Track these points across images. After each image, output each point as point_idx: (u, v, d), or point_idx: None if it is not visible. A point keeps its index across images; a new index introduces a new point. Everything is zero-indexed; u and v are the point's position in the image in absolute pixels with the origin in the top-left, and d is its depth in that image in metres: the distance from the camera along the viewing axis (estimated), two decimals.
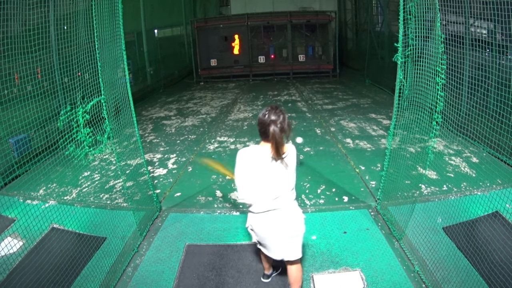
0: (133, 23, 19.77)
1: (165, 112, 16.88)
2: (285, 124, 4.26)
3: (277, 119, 4.21)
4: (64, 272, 5.58)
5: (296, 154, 4.62)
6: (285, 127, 4.25)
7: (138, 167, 7.50)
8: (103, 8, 5.85)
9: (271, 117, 4.23)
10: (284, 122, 4.25)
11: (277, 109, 4.31)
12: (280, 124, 4.21)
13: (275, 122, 4.20)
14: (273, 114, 4.25)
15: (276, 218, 4.51)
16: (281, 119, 4.23)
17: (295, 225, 4.60)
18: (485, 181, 8.00)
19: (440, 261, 5.40)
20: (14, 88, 6.53)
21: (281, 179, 4.46)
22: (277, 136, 4.19)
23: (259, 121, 4.36)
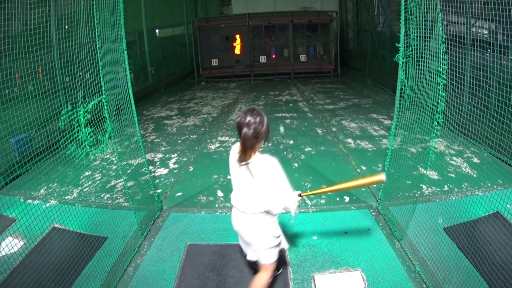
0: (135, 23, 19.77)
1: (166, 112, 16.87)
2: (260, 127, 4.12)
3: (251, 122, 4.07)
4: (65, 272, 5.59)
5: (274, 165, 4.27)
6: (259, 131, 4.11)
7: (139, 167, 7.51)
8: (104, 7, 5.85)
9: (246, 119, 4.09)
10: (259, 125, 4.11)
11: (254, 111, 4.17)
12: (254, 128, 4.07)
13: (248, 125, 4.06)
14: (249, 116, 4.11)
15: (239, 218, 4.52)
16: (257, 122, 4.09)
17: (252, 238, 4.52)
18: (486, 181, 8.00)
19: (441, 262, 5.40)
20: (15, 88, 6.53)
21: (245, 185, 4.35)
22: (246, 140, 4.08)
23: (236, 123, 4.21)
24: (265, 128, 4.16)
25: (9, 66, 6.15)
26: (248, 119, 4.08)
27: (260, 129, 4.10)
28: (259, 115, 4.13)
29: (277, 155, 9.92)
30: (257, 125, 4.07)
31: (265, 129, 4.17)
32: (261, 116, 4.14)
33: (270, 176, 4.23)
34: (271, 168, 4.22)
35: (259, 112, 4.16)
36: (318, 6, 29.18)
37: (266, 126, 4.18)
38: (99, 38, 5.77)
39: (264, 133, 4.16)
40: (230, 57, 25.18)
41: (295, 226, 6.93)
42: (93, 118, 5.63)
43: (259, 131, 4.09)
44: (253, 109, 4.19)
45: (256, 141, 4.14)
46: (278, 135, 12.55)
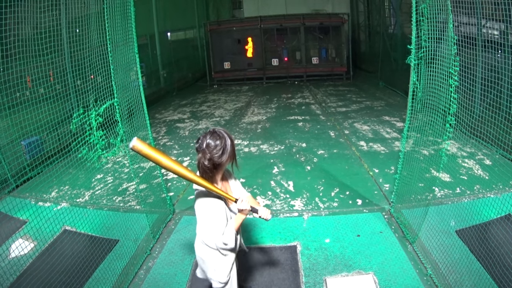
0: (146, 26, 19.86)
1: (179, 115, 16.92)
2: (220, 153, 3.57)
3: (209, 148, 3.53)
4: (76, 274, 5.60)
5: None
6: (218, 159, 3.58)
7: (152, 170, 7.53)
8: (115, 11, 5.87)
9: (203, 144, 3.55)
10: (219, 151, 3.56)
11: (215, 133, 3.59)
12: (210, 156, 3.54)
13: (204, 152, 3.54)
14: (208, 139, 3.56)
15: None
16: (217, 146, 3.55)
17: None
18: (498, 183, 7.95)
19: (452, 265, 5.37)
20: (27, 91, 6.56)
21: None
22: (200, 168, 3.63)
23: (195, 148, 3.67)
24: (226, 156, 3.61)
25: (20, 69, 6.18)
26: (206, 142, 3.55)
27: (220, 156, 3.58)
28: (219, 138, 3.58)
29: (290, 158, 9.97)
30: (216, 151, 3.54)
31: (227, 156, 3.62)
32: (222, 139, 3.59)
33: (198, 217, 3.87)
34: (197, 207, 3.82)
35: (220, 134, 3.61)
36: (330, 9, 29.19)
37: (230, 152, 3.64)
38: (110, 42, 5.79)
39: (225, 161, 3.65)
40: (242, 60, 25.20)
41: (308, 229, 6.92)
42: (105, 121, 5.64)
43: (217, 160, 3.58)
44: (214, 130, 3.62)
45: (215, 171, 3.71)
46: (290, 138, 12.54)
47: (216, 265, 4.03)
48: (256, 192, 8.53)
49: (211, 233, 3.74)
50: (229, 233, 3.69)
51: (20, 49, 5.83)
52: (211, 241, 3.83)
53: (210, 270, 4.07)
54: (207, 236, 3.85)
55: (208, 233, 3.81)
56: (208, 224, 3.74)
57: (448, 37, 5.22)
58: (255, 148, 11.66)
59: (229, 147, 3.61)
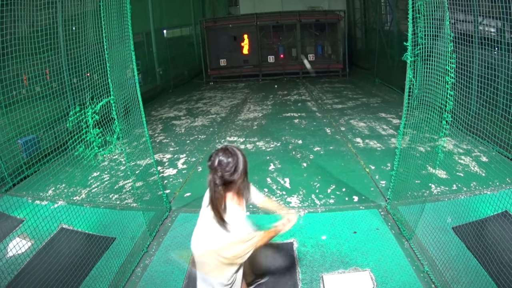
0: (142, 24, 19.80)
1: (175, 112, 16.91)
2: (233, 171, 3.44)
3: (221, 166, 3.40)
4: (73, 273, 5.60)
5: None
6: (229, 177, 3.44)
7: (148, 167, 7.51)
8: (111, 8, 5.86)
9: (215, 162, 3.42)
10: (232, 168, 3.42)
11: (227, 150, 3.46)
12: (221, 173, 3.40)
13: (215, 170, 3.40)
14: (221, 156, 3.43)
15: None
16: (230, 163, 3.42)
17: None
18: (495, 180, 7.97)
19: (449, 261, 5.39)
20: (23, 89, 6.55)
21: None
22: (211, 189, 3.49)
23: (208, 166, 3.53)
24: (239, 173, 3.47)
25: (16, 67, 6.17)
26: (218, 160, 3.42)
27: (231, 174, 3.44)
28: (231, 155, 3.44)
29: (286, 155, 9.98)
30: (229, 169, 3.41)
31: (239, 173, 3.48)
32: (234, 157, 3.46)
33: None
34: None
35: (232, 152, 3.48)
36: (326, 6, 29.11)
37: (241, 170, 3.49)
38: (107, 39, 5.78)
39: (238, 178, 3.49)
40: (238, 57, 25.16)
41: (304, 226, 6.93)
42: (101, 119, 5.64)
43: (228, 178, 3.44)
44: (226, 148, 3.49)
45: (226, 190, 3.56)
46: (286, 134, 12.58)
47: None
48: None
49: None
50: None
51: (17, 48, 5.81)
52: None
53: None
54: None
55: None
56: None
57: (445, 34, 5.22)
58: (251, 145, 11.67)
59: (241, 165, 3.48)
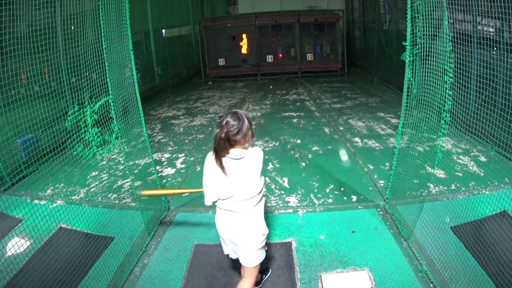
0: (141, 23, 19.78)
1: (173, 112, 16.90)
2: (236, 132, 4.07)
3: (227, 125, 4.05)
4: (72, 272, 5.60)
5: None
6: (232, 137, 4.08)
7: (147, 167, 7.51)
8: (110, 8, 5.86)
9: (223, 121, 4.08)
10: (235, 129, 4.06)
11: (236, 114, 4.13)
12: (227, 131, 4.04)
13: (222, 127, 4.05)
14: (229, 117, 4.09)
15: (231, 219, 4.42)
16: (235, 125, 4.06)
17: (244, 238, 4.44)
18: (493, 180, 7.97)
19: (448, 261, 5.39)
20: (22, 89, 6.55)
21: (234, 183, 4.26)
22: (216, 141, 4.09)
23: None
24: (240, 135, 4.11)
25: (15, 67, 6.17)
26: (226, 120, 4.09)
27: (235, 134, 4.07)
28: (238, 119, 4.10)
29: (284, 155, 9.99)
30: (233, 129, 4.06)
31: (241, 135, 4.13)
32: (240, 121, 4.10)
33: (256, 166, 4.30)
34: (258, 158, 4.30)
35: (240, 116, 4.13)
36: (324, 5, 29.13)
37: (244, 133, 4.15)
38: (105, 39, 5.78)
39: (239, 140, 4.14)
40: (237, 57, 25.16)
41: (303, 225, 6.94)
42: (100, 118, 5.64)
43: (232, 137, 4.08)
44: (236, 112, 4.17)
45: (229, 146, 4.16)
46: (285, 134, 12.56)
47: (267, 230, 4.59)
48: None
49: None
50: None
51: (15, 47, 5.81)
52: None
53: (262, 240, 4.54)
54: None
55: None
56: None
57: (443, 34, 5.22)
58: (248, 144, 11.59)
59: (245, 129, 4.12)
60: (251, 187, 4.28)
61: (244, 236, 4.40)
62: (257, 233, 4.41)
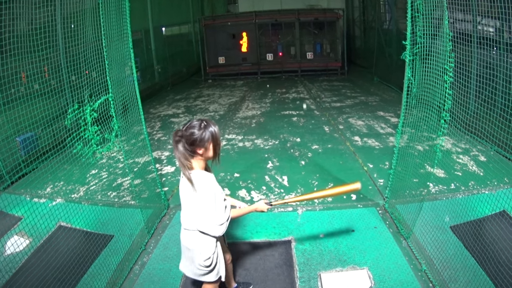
0: (141, 21, 19.76)
1: (173, 110, 16.92)
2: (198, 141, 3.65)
3: (187, 132, 3.65)
4: (71, 270, 5.60)
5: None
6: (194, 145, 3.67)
7: (146, 165, 7.53)
8: (110, 6, 5.86)
9: (184, 127, 3.70)
10: (196, 138, 3.64)
11: (203, 122, 3.69)
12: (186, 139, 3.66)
13: (181, 136, 3.69)
14: (192, 124, 3.68)
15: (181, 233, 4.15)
16: (194, 133, 3.63)
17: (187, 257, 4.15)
18: (493, 180, 7.98)
19: (447, 260, 5.39)
20: (21, 87, 6.56)
21: (183, 198, 3.92)
22: (176, 151, 3.72)
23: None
24: (206, 145, 3.70)
25: (15, 65, 6.17)
26: (185, 127, 3.70)
27: (196, 142, 3.65)
28: (200, 128, 3.66)
29: (284, 153, 9.98)
30: (194, 137, 3.63)
31: (206, 145, 3.71)
32: (202, 130, 3.65)
33: (194, 195, 3.77)
34: (197, 187, 3.73)
35: (205, 125, 3.68)
36: (325, 4, 29.14)
37: (208, 142, 3.70)
38: (105, 37, 5.77)
39: (202, 150, 3.71)
40: (237, 55, 25.20)
41: (302, 224, 6.94)
42: (99, 116, 5.63)
43: (193, 145, 3.67)
44: (204, 120, 3.73)
45: (190, 157, 3.74)
46: (285, 132, 12.59)
47: (201, 248, 3.95)
48: (250, 186, 8.55)
49: (212, 219, 3.77)
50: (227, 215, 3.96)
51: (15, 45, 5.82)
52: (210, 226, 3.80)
53: (196, 257, 3.98)
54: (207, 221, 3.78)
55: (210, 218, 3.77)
56: (211, 209, 3.74)
57: (443, 33, 5.22)
58: (249, 143, 11.67)
59: (207, 137, 3.67)
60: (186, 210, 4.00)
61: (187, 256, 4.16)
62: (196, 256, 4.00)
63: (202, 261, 3.95)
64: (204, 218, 3.77)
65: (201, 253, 3.94)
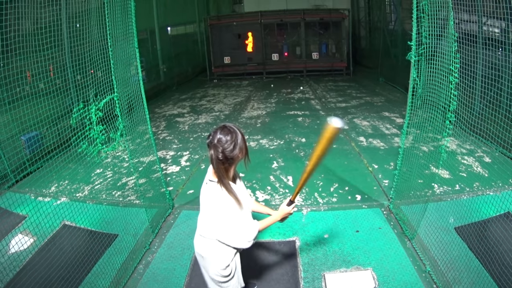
0: (146, 21, 19.81)
1: (178, 110, 16.94)
2: (232, 148, 3.49)
3: (220, 142, 3.46)
4: (75, 269, 5.61)
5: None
6: (230, 153, 3.50)
7: (151, 164, 7.52)
8: (116, 5, 5.86)
9: (215, 139, 3.48)
10: (230, 145, 3.48)
11: (226, 128, 3.53)
12: (222, 149, 3.46)
13: (216, 146, 3.46)
14: (219, 134, 3.49)
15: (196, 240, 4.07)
16: (228, 141, 3.47)
17: (203, 266, 4.08)
18: (497, 181, 7.95)
19: (451, 262, 5.38)
20: (27, 86, 6.57)
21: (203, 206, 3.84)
22: (213, 163, 3.54)
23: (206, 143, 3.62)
24: (238, 150, 3.54)
25: (20, 64, 6.18)
26: (217, 137, 3.48)
27: (232, 150, 3.49)
28: (230, 133, 3.50)
29: (289, 153, 9.97)
30: (228, 145, 3.46)
31: (238, 150, 3.55)
32: (233, 134, 3.51)
33: (210, 209, 3.73)
34: (211, 202, 3.70)
35: (231, 129, 3.54)
36: (330, 4, 29.10)
37: (241, 146, 3.57)
38: (111, 36, 5.78)
39: (237, 155, 3.57)
40: (242, 55, 25.18)
41: (307, 224, 6.94)
42: (104, 116, 5.64)
43: (229, 154, 3.49)
44: (225, 126, 3.57)
45: (229, 166, 3.62)
46: (290, 133, 12.59)
47: (216, 257, 3.88)
48: (255, 186, 8.55)
49: (233, 231, 3.70)
50: (256, 229, 3.86)
51: (21, 44, 5.83)
52: (235, 240, 3.74)
53: (211, 266, 3.92)
54: (227, 234, 3.72)
55: (229, 231, 3.70)
56: (232, 220, 3.66)
57: (449, 34, 5.21)
58: (254, 143, 11.66)
59: (240, 141, 3.55)
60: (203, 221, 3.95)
61: (204, 266, 4.09)
62: (213, 266, 3.94)
63: (221, 270, 3.90)
64: (230, 231, 3.71)
65: (217, 261, 3.88)
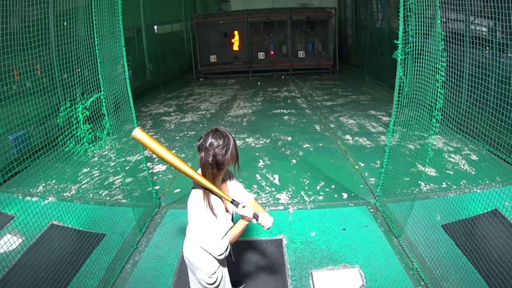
0: (133, 19, 19.71)
1: (165, 108, 16.89)
2: (224, 152, 3.48)
3: (212, 146, 3.45)
4: (64, 269, 5.58)
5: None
6: (222, 158, 3.49)
7: (138, 163, 7.51)
8: (103, 4, 5.84)
9: (206, 142, 3.47)
10: (222, 149, 3.47)
11: (218, 132, 3.52)
12: (214, 153, 3.45)
13: (207, 149, 3.44)
14: (211, 137, 3.48)
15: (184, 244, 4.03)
16: (219, 145, 3.46)
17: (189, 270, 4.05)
18: (484, 178, 8.00)
19: (439, 259, 5.41)
20: (14, 85, 6.53)
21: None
22: (204, 167, 3.50)
23: (196, 146, 3.58)
24: (229, 155, 3.52)
25: (7, 63, 6.14)
26: (209, 141, 3.47)
27: (223, 155, 3.49)
28: (223, 137, 3.50)
29: (275, 152, 9.98)
30: (219, 150, 3.46)
31: (230, 156, 3.53)
32: (225, 138, 3.51)
33: (190, 215, 3.71)
34: (191, 208, 3.68)
35: (223, 133, 3.53)
36: (317, 3, 29.15)
37: (232, 152, 3.55)
38: (98, 35, 5.76)
39: (228, 161, 3.55)
40: (229, 54, 25.16)
41: (293, 222, 6.95)
42: (91, 114, 5.62)
43: (220, 159, 3.49)
44: (217, 129, 3.56)
45: (217, 172, 3.58)
46: (276, 131, 12.60)
47: (202, 263, 3.81)
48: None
49: (208, 240, 3.59)
50: (226, 243, 3.63)
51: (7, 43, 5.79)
52: (210, 248, 3.62)
53: (197, 271, 3.87)
54: (205, 242, 3.64)
55: (206, 239, 3.62)
56: (206, 230, 3.58)
57: (436, 32, 5.24)
58: (240, 141, 11.65)
59: (232, 147, 3.54)
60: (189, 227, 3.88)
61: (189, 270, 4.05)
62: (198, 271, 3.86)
63: (206, 277, 3.83)
64: (207, 239, 3.63)
65: (203, 268, 3.82)
